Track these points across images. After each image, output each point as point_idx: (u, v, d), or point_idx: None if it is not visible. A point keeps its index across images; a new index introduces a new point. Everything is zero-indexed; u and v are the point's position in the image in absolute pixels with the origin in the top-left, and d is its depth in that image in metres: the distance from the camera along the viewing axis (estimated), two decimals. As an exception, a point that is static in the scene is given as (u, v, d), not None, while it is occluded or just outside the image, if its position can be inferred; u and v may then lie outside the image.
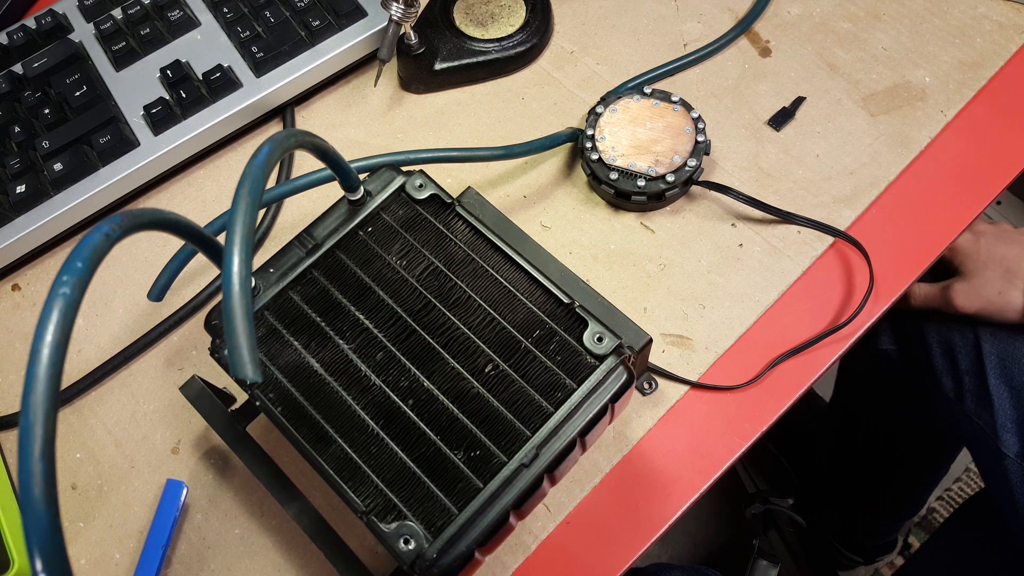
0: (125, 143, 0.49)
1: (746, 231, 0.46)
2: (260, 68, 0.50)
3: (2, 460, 0.45)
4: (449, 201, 0.39)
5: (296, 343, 0.36)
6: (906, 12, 0.51)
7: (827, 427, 0.95)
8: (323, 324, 0.37)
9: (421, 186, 0.39)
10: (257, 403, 0.36)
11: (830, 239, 0.46)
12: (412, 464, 0.34)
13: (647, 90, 0.47)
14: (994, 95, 0.49)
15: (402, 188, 0.39)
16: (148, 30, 0.52)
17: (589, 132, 0.47)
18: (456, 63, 0.51)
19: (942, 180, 0.47)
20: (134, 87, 0.51)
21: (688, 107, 0.47)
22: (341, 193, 0.39)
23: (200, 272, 0.49)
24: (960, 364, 0.61)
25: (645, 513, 0.41)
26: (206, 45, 0.52)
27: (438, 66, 0.51)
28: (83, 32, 0.54)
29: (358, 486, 0.33)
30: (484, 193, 0.48)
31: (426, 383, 0.35)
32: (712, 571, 0.64)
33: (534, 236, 0.47)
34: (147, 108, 0.50)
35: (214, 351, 0.37)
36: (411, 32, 0.50)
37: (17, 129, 0.50)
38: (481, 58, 0.51)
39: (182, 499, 0.42)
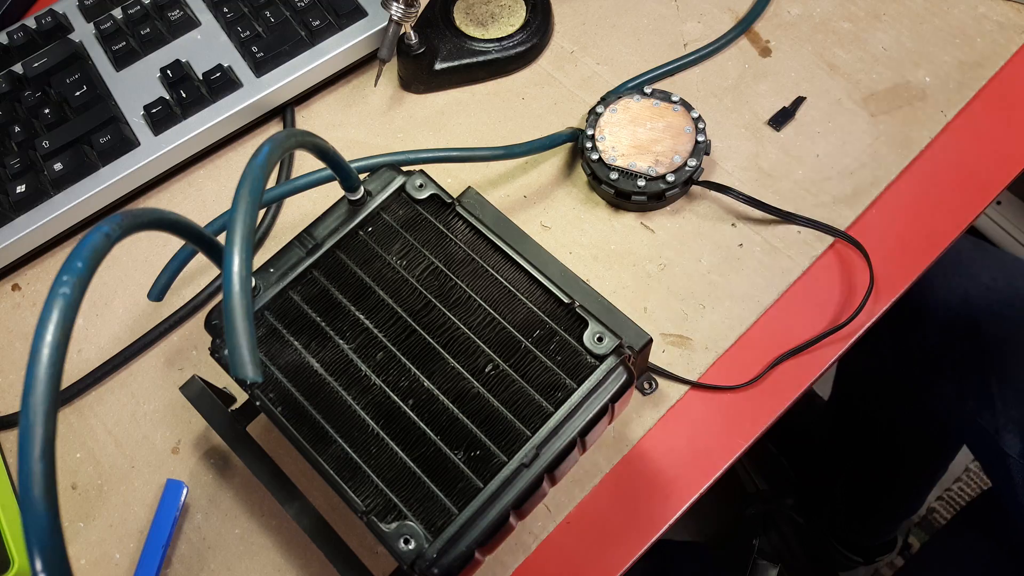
0: (125, 143, 0.49)
1: (746, 231, 0.46)
2: (260, 68, 0.50)
3: (2, 460, 0.45)
4: (449, 201, 0.39)
5: (296, 343, 0.36)
6: (906, 12, 0.51)
7: (827, 427, 0.95)
8: (323, 324, 0.37)
9: (421, 186, 0.39)
10: (257, 403, 0.36)
11: (830, 239, 0.46)
12: (412, 464, 0.34)
13: (647, 90, 0.47)
14: (994, 95, 0.49)
15: (402, 188, 0.39)
16: (148, 30, 0.52)
17: (589, 132, 0.47)
18: (456, 63, 0.51)
19: (942, 180, 0.47)
20: (134, 87, 0.51)
21: (688, 107, 0.47)
22: (341, 193, 0.39)
23: (200, 272, 0.49)
24: (962, 364, 0.61)
25: (645, 513, 0.41)
26: (206, 45, 0.52)
27: (438, 66, 0.51)
28: (83, 32, 0.54)
29: (358, 486, 0.33)
30: (484, 193, 0.48)
31: (426, 383, 0.35)
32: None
33: (534, 236, 0.47)
34: (147, 108, 0.50)
35: (214, 351, 0.37)
36: (411, 32, 0.50)
37: (17, 129, 0.50)
38: (481, 58, 0.51)
39: (182, 499, 0.42)
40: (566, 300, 0.36)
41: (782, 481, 1.05)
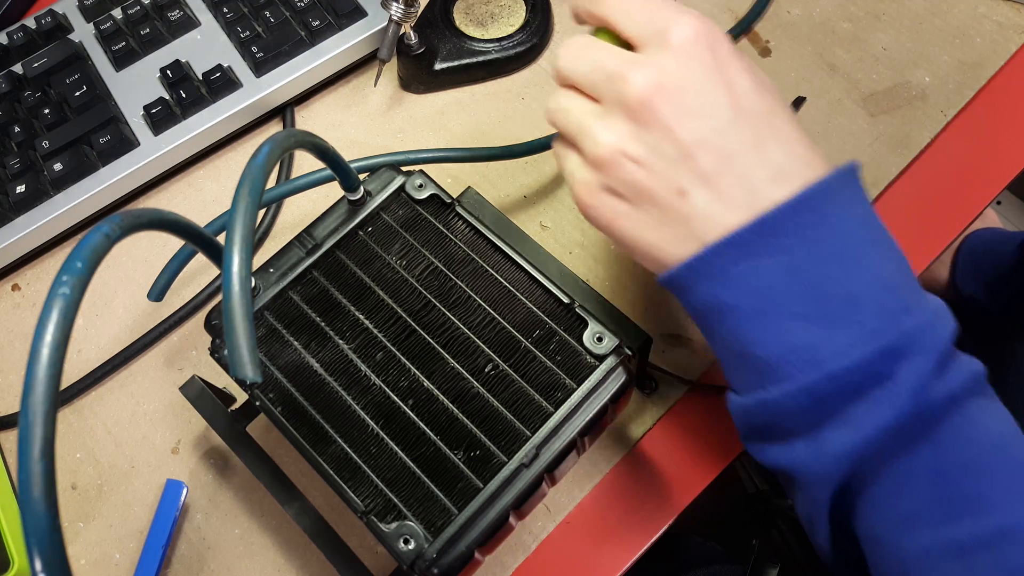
0: (125, 143, 0.49)
1: (746, 231, 0.46)
2: (260, 68, 0.50)
3: (2, 460, 0.45)
4: (449, 201, 0.39)
5: (296, 343, 0.36)
6: (906, 12, 0.51)
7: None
8: (323, 324, 0.37)
9: (421, 186, 0.39)
10: (257, 403, 0.36)
11: (830, 239, 0.46)
12: (412, 464, 0.34)
13: (647, 90, 0.47)
14: (994, 95, 0.49)
15: (402, 188, 0.39)
16: (148, 30, 0.52)
17: (589, 132, 0.47)
18: (456, 63, 0.51)
19: (942, 180, 0.47)
20: (134, 87, 0.51)
21: (688, 107, 0.46)
22: (341, 193, 0.39)
23: (200, 272, 0.49)
24: None
25: (645, 513, 0.41)
26: (206, 45, 0.52)
27: (438, 66, 0.51)
28: (83, 32, 0.54)
29: (358, 486, 0.33)
30: (484, 193, 0.48)
31: (426, 383, 0.35)
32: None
33: (534, 236, 0.47)
34: (147, 108, 0.50)
35: (214, 351, 0.37)
36: (411, 32, 0.50)
37: (17, 129, 0.50)
38: (481, 58, 0.51)
39: (182, 499, 0.42)
40: (566, 300, 0.36)
41: (782, 481, 1.05)
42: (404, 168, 0.41)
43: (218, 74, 0.50)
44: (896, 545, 0.29)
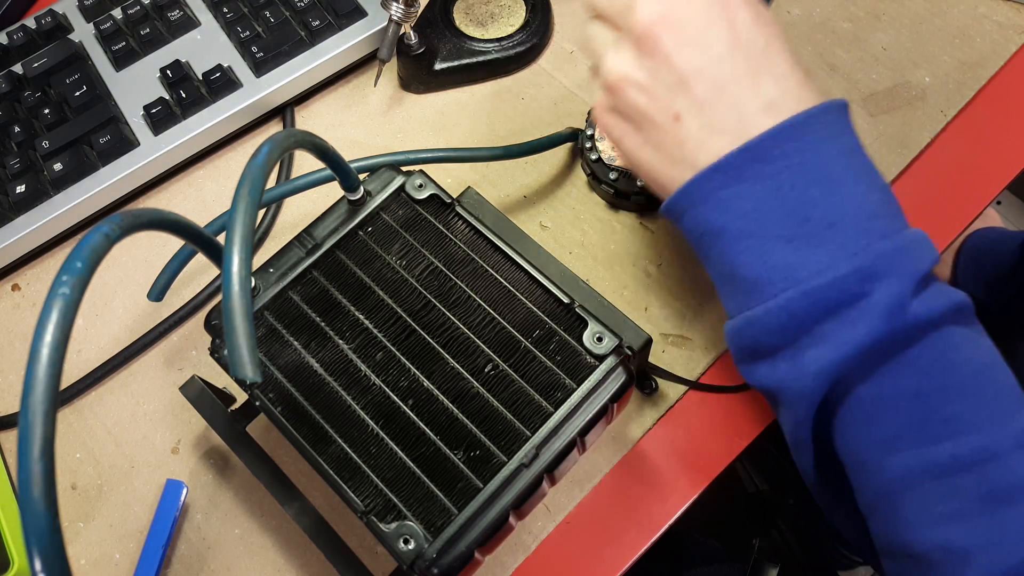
0: (125, 143, 0.49)
1: (746, 231, 0.46)
2: (260, 68, 0.50)
3: (2, 460, 0.45)
4: (449, 201, 0.39)
5: (296, 343, 0.36)
6: (906, 12, 0.51)
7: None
8: (323, 324, 0.37)
9: (421, 186, 0.39)
10: (257, 403, 0.36)
11: (830, 239, 0.46)
12: (412, 464, 0.34)
13: (647, 90, 0.47)
14: (994, 95, 0.49)
15: (402, 188, 0.39)
16: (148, 30, 0.52)
17: (589, 132, 0.47)
18: (456, 63, 0.51)
19: (942, 180, 0.47)
20: (134, 87, 0.51)
21: (688, 107, 0.46)
22: (341, 193, 0.39)
23: (200, 272, 0.49)
24: None
25: (645, 513, 0.41)
26: (206, 45, 0.52)
27: (438, 66, 0.51)
28: (83, 32, 0.54)
29: (358, 486, 0.33)
30: (484, 193, 0.48)
31: (426, 383, 0.35)
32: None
33: (534, 236, 0.47)
34: (147, 108, 0.50)
35: (214, 351, 0.37)
36: (411, 32, 0.50)
37: (17, 129, 0.50)
38: (481, 58, 0.51)
39: (182, 499, 0.42)
40: (566, 300, 0.36)
41: (782, 481, 1.05)
42: (404, 168, 0.41)
43: (218, 74, 0.50)
44: (878, 467, 0.29)
